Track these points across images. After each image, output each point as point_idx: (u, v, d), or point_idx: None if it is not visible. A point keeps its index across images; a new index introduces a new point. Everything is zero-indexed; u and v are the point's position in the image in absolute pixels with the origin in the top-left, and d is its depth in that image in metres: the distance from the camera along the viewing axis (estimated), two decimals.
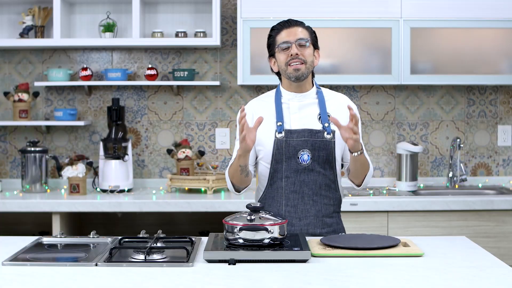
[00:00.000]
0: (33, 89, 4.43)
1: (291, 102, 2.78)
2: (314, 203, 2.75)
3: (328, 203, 2.79)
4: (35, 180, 4.22)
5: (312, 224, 2.76)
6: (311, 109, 2.78)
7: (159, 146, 4.49)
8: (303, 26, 2.77)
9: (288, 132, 2.73)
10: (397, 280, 2.12)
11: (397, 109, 4.49)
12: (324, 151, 2.73)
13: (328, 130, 2.73)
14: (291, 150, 2.72)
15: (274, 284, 2.10)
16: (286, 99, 2.79)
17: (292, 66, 2.71)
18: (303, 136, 2.72)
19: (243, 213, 2.47)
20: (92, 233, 2.73)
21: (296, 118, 2.76)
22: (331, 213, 2.80)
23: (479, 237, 3.87)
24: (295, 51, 2.70)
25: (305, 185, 2.74)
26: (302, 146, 2.72)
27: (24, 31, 4.29)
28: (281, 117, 2.75)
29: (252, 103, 2.86)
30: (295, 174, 2.73)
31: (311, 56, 2.74)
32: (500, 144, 4.52)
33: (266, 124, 2.74)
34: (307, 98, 2.79)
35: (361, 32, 4.12)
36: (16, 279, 2.16)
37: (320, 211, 2.77)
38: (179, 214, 4.34)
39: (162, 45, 4.31)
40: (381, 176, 4.50)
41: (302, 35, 2.73)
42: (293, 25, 2.74)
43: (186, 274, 2.20)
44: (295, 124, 2.75)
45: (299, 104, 2.78)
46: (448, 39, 4.12)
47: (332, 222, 2.81)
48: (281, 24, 2.76)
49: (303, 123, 2.75)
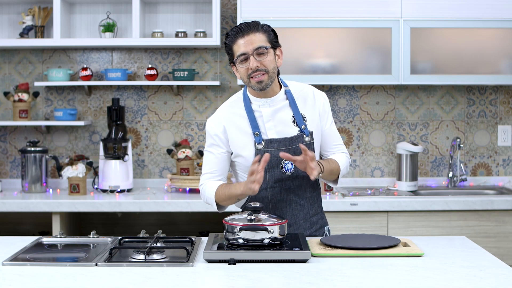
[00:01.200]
0: (33, 89, 4.43)
1: (263, 108, 2.67)
2: (301, 207, 2.73)
3: (313, 202, 2.77)
4: (35, 180, 4.22)
5: (301, 227, 2.74)
6: (284, 113, 2.69)
7: (159, 146, 4.49)
8: (258, 29, 2.60)
9: (268, 142, 2.65)
10: (397, 280, 2.13)
11: (397, 109, 4.49)
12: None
13: (306, 133, 2.68)
14: (273, 160, 2.65)
15: (274, 284, 2.10)
16: (256, 106, 2.68)
17: (254, 79, 2.58)
18: (284, 145, 2.65)
19: (243, 213, 2.47)
20: (92, 233, 2.73)
21: (271, 126, 2.67)
22: (316, 210, 2.79)
23: (479, 237, 3.87)
24: (254, 64, 2.56)
25: (291, 192, 2.70)
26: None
27: (24, 31, 4.29)
28: (256, 127, 2.66)
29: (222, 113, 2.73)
30: (280, 183, 2.69)
31: (272, 62, 2.60)
32: (500, 144, 4.52)
33: (241, 135, 2.68)
34: (277, 102, 2.69)
35: (361, 32, 4.12)
36: (16, 279, 2.16)
37: (308, 213, 2.75)
38: (179, 214, 4.34)
39: (162, 45, 4.31)
40: (381, 176, 4.50)
41: (259, 42, 2.57)
42: (248, 32, 2.57)
43: (186, 274, 2.20)
44: (271, 133, 2.67)
45: (271, 110, 2.68)
46: (448, 39, 4.12)
47: (318, 219, 2.80)
48: (235, 31, 2.59)
49: (279, 130, 2.67)
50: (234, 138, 2.69)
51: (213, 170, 2.73)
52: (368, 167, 4.49)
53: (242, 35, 2.58)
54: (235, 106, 2.73)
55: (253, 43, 2.57)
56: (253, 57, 2.57)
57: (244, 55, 2.58)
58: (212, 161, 2.72)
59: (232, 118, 2.70)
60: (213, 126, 2.71)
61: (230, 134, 2.69)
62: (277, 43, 2.65)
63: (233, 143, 2.69)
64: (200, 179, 2.77)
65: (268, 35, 2.61)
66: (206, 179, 2.74)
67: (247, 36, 2.58)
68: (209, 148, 2.73)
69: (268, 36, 2.62)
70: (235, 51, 2.60)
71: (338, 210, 3.84)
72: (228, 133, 2.69)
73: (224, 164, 2.73)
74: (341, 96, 4.45)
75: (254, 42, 2.57)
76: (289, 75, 4.03)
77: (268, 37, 2.61)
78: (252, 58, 2.57)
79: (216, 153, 2.72)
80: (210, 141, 2.72)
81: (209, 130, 2.72)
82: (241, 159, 2.70)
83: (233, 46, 2.61)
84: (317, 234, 2.78)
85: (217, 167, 2.73)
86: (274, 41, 2.64)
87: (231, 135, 2.69)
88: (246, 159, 2.68)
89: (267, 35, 2.61)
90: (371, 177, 4.49)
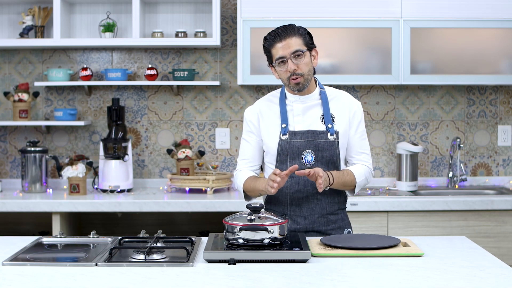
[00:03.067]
0: (33, 89, 4.43)
1: (295, 104, 2.81)
2: (318, 201, 2.78)
3: (332, 201, 2.81)
4: (35, 180, 4.22)
5: (317, 222, 2.79)
6: (314, 111, 2.81)
7: (159, 146, 4.49)
8: (295, 33, 2.72)
9: (292, 133, 2.76)
10: (397, 280, 2.13)
11: (397, 109, 4.49)
12: (327, 151, 2.76)
13: (331, 131, 2.76)
14: (295, 151, 2.75)
15: (274, 284, 2.10)
16: (290, 101, 2.82)
17: (293, 81, 2.73)
18: (307, 137, 2.75)
19: (243, 213, 2.48)
20: (92, 233, 2.73)
21: (299, 120, 2.79)
22: (336, 211, 2.83)
23: (479, 237, 3.87)
24: (292, 67, 2.70)
25: (309, 184, 2.76)
26: (305, 147, 2.75)
27: (24, 31, 4.29)
28: (285, 119, 2.79)
29: (259, 103, 2.89)
30: None
31: (308, 65, 2.73)
32: (500, 144, 4.52)
33: (271, 126, 2.81)
34: (310, 100, 2.81)
35: (361, 32, 4.12)
36: (16, 279, 2.16)
37: (325, 209, 2.80)
38: (179, 214, 4.34)
39: (162, 45, 4.31)
40: (381, 176, 4.50)
41: (296, 45, 2.70)
42: (285, 36, 2.70)
43: (186, 274, 2.20)
44: (299, 126, 2.78)
45: (303, 106, 2.80)
46: (448, 39, 4.12)
47: (337, 219, 2.84)
48: (273, 35, 2.72)
49: (306, 124, 2.78)
50: (264, 126, 2.82)
51: (247, 157, 2.87)
52: None
53: (280, 39, 2.71)
54: (272, 98, 2.87)
55: (290, 47, 2.70)
56: (290, 61, 2.70)
57: (282, 58, 2.70)
58: (247, 148, 2.87)
59: (266, 108, 2.85)
60: (249, 114, 2.87)
61: (262, 122, 2.83)
62: (313, 44, 2.78)
63: (263, 131, 2.83)
64: (237, 166, 2.92)
65: (304, 38, 2.73)
66: (240, 167, 2.88)
67: (285, 40, 2.70)
68: (245, 135, 2.88)
69: (304, 39, 2.74)
70: (274, 54, 2.73)
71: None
72: (261, 121, 2.83)
73: (257, 152, 2.87)
74: None
75: (292, 46, 2.70)
76: None
77: (304, 40, 2.73)
78: (290, 61, 2.70)
79: (250, 140, 2.85)
80: (246, 129, 2.88)
81: (246, 117, 2.88)
82: (266, 149, 2.82)
83: (271, 50, 2.74)
84: (334, 233, 2.81)
85: (251, 154, 2.86)
86: (310, 43, 2.76)
87: (263, 123, 2.83)
88: (270, 149, 2.80)
89: (303, 38, 2.73)
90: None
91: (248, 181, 2.81)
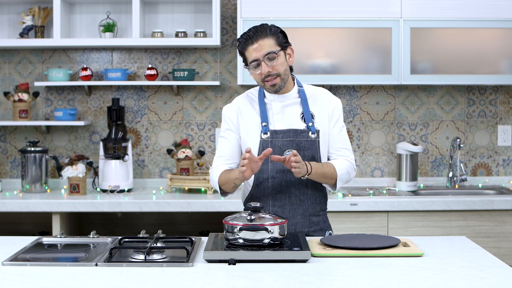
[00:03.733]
0: (33, 89, 4.43)
1: (274, 103, 2.78)
2: (301, 202, 2.76)
3: (315, 202, 2.80)
4: (35, 180, 4.22)
5: (299, 223, 2.77)
6: (294, 109, 2.77)
7: (159, 146, 4.49)
8: (267, 34, 2.67)
9: (273, 132, 2.73)
10: (397, 280, 2.13)
11: (397, 109, 4.49)
12: (309, 150, 2.73)
13: (313, 130, 2.74)
14: (276, 150, 2.72)
15: (274, 284, 2.10)
16: (269, 100, 2.78)
17: (268, 83, 2.69)
18: (288, 137, 2.73)
19: (243, 213, 2.48)
20: (92, 233, 2.73)
21: (279, 119, 2.76)
22: (318, 212, 2.81)
23: (479, 237, 3.87)
24: (266, 70, 2.65)
25: (291, 185, 2.74)
26: (287, 146, 2.72)
27: (24, 31, 4.29)
28: (265, 118, 2.75)
29: (238, 100, 2.85)
30: (281, 174, 2.73)
31: (283, 65, 2.69)
32: (500, 144, 4.52)
33: (251, 124, 2.77)
34: (289, 99, 2.78)
35: (361, 32, 4.12)
36: (16, 279, 2.16)
37: (307, 210, 2.78)
38: (179, 214, 4.34)
39: (162, 45, 4.31)
40: (381, 176, 4.50)
41: (269, 47, 2.65)
42: (257, 39, 2.65)
43: (186, 274, 2.20)
44: (279, 125, 2.75)
45: (282, 105, 2.77)
46: (448, 39, 4.12)
47: (319, 221, 2.82)
48: (244, 38, 2.68)
49: (286, 123, 2.75)
50: (244, 125, 2.79)
51: (224, 154, 2.83)
52: (368, 167, 4.49)
53: (252, 42, 2.67)
54: (250, 96, 2.84)
55: (262, 49, 2.66)
56: (264, 63, 2.66)
57: (255, 61, 2.67)
58: (225, 145, 2.82)
59: (246, 106, 2.81)
60: (228, 111, 2.83)
61: (241, 121, 2.79)
62: (287, 43, 2.73)
63: (242, 130, 2.79)
64: (212, 162, 2.87)
65: (277, 38, 2.69)
66: (216, 164, 2.83)
67: (256, 42, 2.66)
68: (223, 132, 2.84)
69: (277, 39, 2.69)
70: (248, 57, 2.71)
71: (338, 210, 3.84)
72: (240, 118, 2.80)
73: (235, 149, 2.82)
74: (341, 96, 4.45)
75: (264, 48, 2.66)
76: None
77: (277, 40, 2.69)
78: (263, 63, 2.66)
79: (229, 138, 2.82)
80: (225, 126, 2.83)
81: (224, 113, 2.84)
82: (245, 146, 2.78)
83: (245, 52, 2.71)
84: (315, 235, 2.79)
85: (228, 151, 2.82)
86: (283, 42, 2.71)
87: (242, 122, 2.79)
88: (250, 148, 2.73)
89: (275, 38, 2.68)
90: (371, 177, 4.49)
91: (223, 174, 2.76)
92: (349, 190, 4.15)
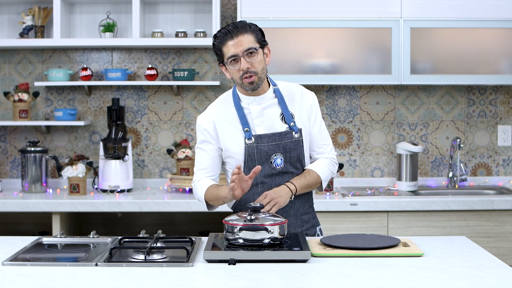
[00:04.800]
0: (33, 89, 4.43)
1: (251, 106, 2.71)
2: (292, 203, 2.74)
3: (304, 200, 2.78)
4: (35, 180, 4.22)
5: (292, 224, 2.75)
6: (272, 110, 2.72)
7: (159, 146, 4.49)
8: (247, 30, 2.62)
9: (258, 137, 2.68)
10: (397, 280, 2.13)
11: (397, 109, 4.49)
12: (294, 151, 2.71)
13: (295, 129, 2.71)
14: (263, 155, 2.68)
15: (274, 284, 2.10)
16: (246, 103, 2.72)
17: (247, 80, 2.62)
18: (274, 140, 2.68)
19: (243, 213, 2.47)
20: (92, 233, 2.73)
21: (259, 122, 2.70)
22: (307, 209, 2.81)
23: (479, 237, 3.87)
24: (245, 65, 2.59)
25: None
26: (274, 150, 2.68)
27: (24, 31, 4.29)
28: (246, 123, 2.69)
29: (212, 109, 2.77)
30: (270, 178, 2.71)
31: (261, 62, 2.63)
32: (500, 144, 4.52)
33: (231, 131, 2.71)
34: (266, 100, 2.72)
35: (361, 32, 4.11)
36: (16, 279, 2.16)
37: (299, 210, 2.77)
38: (179, 214, 4.34)
39: (162, 45, 4.31)
40: (381, 176, 4.50)
41: (248, 43, 2.60)
42: (237, 34, 2.60)
43: (186, 274, 2.20)
44: (260, 129, 2.70)
45: (260, 107, 2.71)
46: (448, 39, 4.12)
47: (309, 218, 2.81)
48: (223, 33, 2.62)
49: (267, 126, 2.70)
50: (224, 134, 2.71)
51: (205, 167, 2.75)
52: (368, 167, 4.49)
53: (231, 37, 2.61)
54: (225, 103, 2.76)
55: (242, 45, 2.60)
56: (243, 59, 2.60)
57: (234, 56, 2.61)
58: (204, 157, 2.75)
59: (222, 114, 2.73)
60: (203, 122, 2.74)
61: (220, 130, 2.72)
62: (265, 41, 2.69)
63: (223, 139, 2.71)
64: (193, 176, 2.80)
65: (256, 35, 2.64)
66: (198, 177, 2.77)
67: (236, 37, 2.61)
68: (200, 144, 2.76)
69: (256, 36, 2.65)
70: (225, 52, 2.63)
71: (338, 210, 3.84)
72: (218, 128, 2.72)
73: (215, 160, 2.75)
74: (341, 96, 4.45)
75: (244, 44, 2.60)
76: (289, 75, 4.04)
77: (256, 37, 2.64)
78: (243, 59, 2.60)
79: (207, 149, 2.74)
80: (201, 138, 2.75)
81: (200, 125, 2.75)
82: (231, 160, 2.73)
83: (222, 48, 2.63)
84: (308, 233, 2.79)
85: (209, 163, 2.75)
86: (262, 40, 2.67)
87: (221, 131, 2.72)
88: (236, 157, 2.70)
89: (255, 35, 2.64)
90: (371, 177, 4.49)
91: (210, 190, 2.70)
92: (349, 190, 4.15)
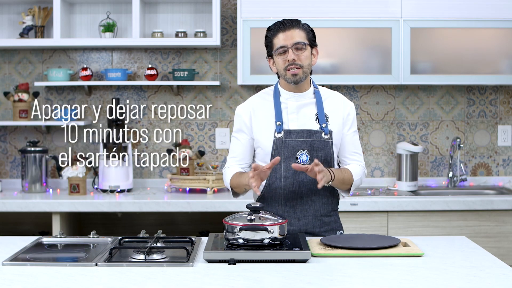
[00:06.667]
0: (33, 89, 4.43)
1: (289, 101, 2.79)
2: (312, 203, 2.77)
3: (326, 203, 2.80)
4: (35, 180, 4.22)
5: (310, 223, 2.77)
6: (309, 109, 2.79)
7: (159, 146, 4.49)
8: (300, 27, 2.73)
9: (287, 132, 2.74)
10: (397, 280, 2.13)
11: (397, 109, 4.49)
12: (322, 151, 2.74)
13: (326, 131, 2.75)
14: (290, 150, 2.73)
15: (274, 284, 2.10)
16: (284, 99, 2.80)
17: (290, 72, 2.71)
18: (302, 137, 2.74)
19: (243, 213, 2.48)
20: (92, 233, 2.73)
21: (293, 118, 2.77)
22: (329, 212, 2.82)
23: (479, 237, 3.87)
24: (292, 56, 2.69)
25: (303, 185, 2.75)
26: (300, 146, 2.73)
27: (24, 31, 4.29)
28: (280, 117, 2.76)
29: (252, 100, 2.87)
30: (294, 174, 2.74)
31: (308, 59, 2.73)
32: (500, 144, 4.52)
33: (265, 123, 2.78)
34: (305, 98, 2.79)
35: (361, 32, 4.12)
36: (16, 279, 2.16)
37: (319, 210, 2.78)
38: (179, 214, 4.34)
39: (162, 45, 4.31)
40: (381, 176, 4.50)
41: (299, 38, 2.70)
42: (290, 27, 2.71)
43: (186, 274, 2.20)
44: (293, 125, 2.76)
45: (297, 104, 2.78)
46: (448, 39, 4.12)
47: (330, 221, 2.82)
48: (277, 25, 2.73)
49: (300, 123, 2.76)
50: (258, 125, 2.79)
51: (236, 155, 2.85)
52: (368, 167, 4.49)
53: (283, 30, 2.71)
54: (265, 96, 2.85)
55: (293, 38, 2.70)
56: (291, 50, 2.69)
57: (283, 47, 2.70)
58: (237, 146, 2.84)
59: (260, 106, 2.82)
60: (241, 112, 2.84)
61: (254, 121, 2.80)
62: (315, 42, 2.78)
63: (256, 130, 2.79)
64: (226, 163, 2.89)
65: (307, 33, 2.74)
66: (228, 164, 2.86)
67: (288, 31, 2.71)
68: (236, 133, 2.86)
69: (308, 34, 2.74)
70: (275, 43, 2.73)
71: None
72: (253, 119, 2.80)
73: (247, 150, 2.83)
74: None
75: (294, 37, 2.70)
76: None
77: (308, 35, 2.74)
78: (291, 51, 2.70)
79: (240, 138, 2.83)
80: (237, 127, 2.85)
81: (238, 115, 2.85)
82: (260, 150, 2.79)
83: (273, 39, 2.74)
84: (326, 235, 2.79)
85: (240, 151, 2.83)
86: (312, 40, 2.76)
87: (256, 122, 2.79)
88: (265, 148, 2.77)
89: (306, 33, 2.74)
90: (371, 177, 4.49)
91: (234, 177, 2.79)
92: None
